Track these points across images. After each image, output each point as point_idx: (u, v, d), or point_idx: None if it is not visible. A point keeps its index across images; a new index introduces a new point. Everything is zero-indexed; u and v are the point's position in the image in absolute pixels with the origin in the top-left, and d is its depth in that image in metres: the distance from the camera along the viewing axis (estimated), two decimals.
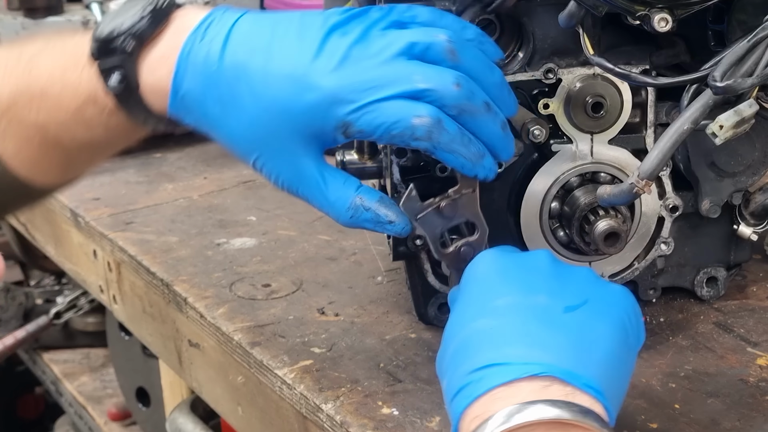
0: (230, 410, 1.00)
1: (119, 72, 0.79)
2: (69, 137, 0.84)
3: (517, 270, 0.73)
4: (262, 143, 0.76)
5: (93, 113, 0.82)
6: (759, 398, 0.81)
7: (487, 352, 0.67)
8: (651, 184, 0.74)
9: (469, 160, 0.75)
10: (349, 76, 0.72)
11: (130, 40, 0.79)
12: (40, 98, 0.83)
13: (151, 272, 1.09)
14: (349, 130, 0.73)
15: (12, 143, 0.84)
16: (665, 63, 0.87)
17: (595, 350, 0.68)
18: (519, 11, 0.85)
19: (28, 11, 1.85)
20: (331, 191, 0.76)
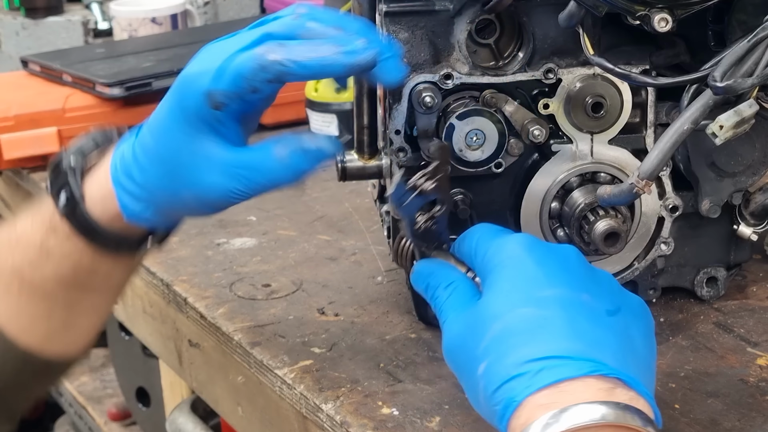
0: (230, 410, 1.00)
1: (65, 189, 0.81)
2: (39, 276, 0.83)
3: (554, 262, 0.72)
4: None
5: (54, 243, 0.83)
6: (759, 398, 0.81)
7: (545, 343, 0.66)
8: (651, 184, 0.74)
9: (334, 54, 0.73)
10: (205, 59, 0.77)
11: (74, 158, 0.82)
12: (16, 242, 0.84)
13: (151, 272, 1.09)
14: (215, 98, 0.74)
15: (1, 303, 0.84)
16: (665, 63, 0.87)
17: (639, 357, 0.69)
18: (519, 11, 0.85)
19: (28, 11, 1.85)
20: (249, 157, 0.76)
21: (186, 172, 0.77)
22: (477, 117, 0.85)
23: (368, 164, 0.92)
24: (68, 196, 0.81)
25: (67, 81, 1.44)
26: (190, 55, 1.52)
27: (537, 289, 0.69)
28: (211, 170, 0.76)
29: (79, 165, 0.83)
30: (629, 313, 0.71)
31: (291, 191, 1.26)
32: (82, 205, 0.81)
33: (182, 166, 0.77)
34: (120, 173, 0.80)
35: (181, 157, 0.77)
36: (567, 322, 0.67)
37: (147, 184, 0.79)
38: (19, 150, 1.37)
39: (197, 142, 0.76)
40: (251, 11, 1.95)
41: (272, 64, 0.73)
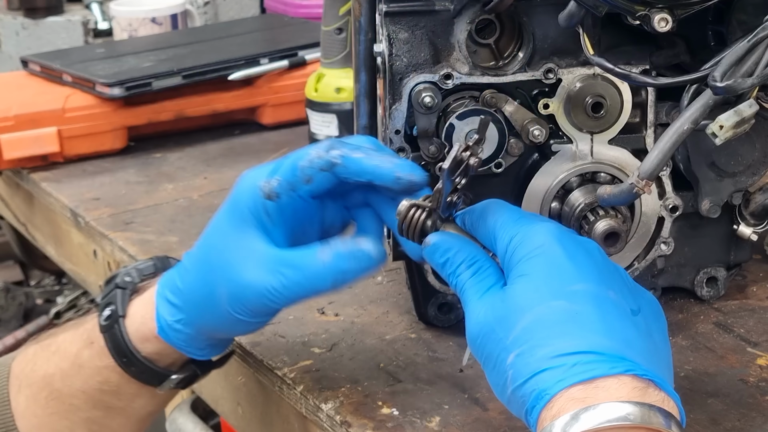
0: (230, 410, 1.00)
1: (111, 305, 0.83)
2: (68, 388, 0.84)
3: (583, 256, 0.71)
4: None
5: (87, 356, 0.84)
6: (759, 398, 0.81)
7: (579, 338, 0.66)
8: (651, 184, 0.74)
9: (389, 164, 0.75)
10: (261, 168, 0.79)
11: (128, 276, 0.84)
12: (55, 351, 0.86)
13: None
14: (269, 186, 0.76)
15: (28, 412, 0.86)
16: (665, 63, 0.87)
17: (661, 357, 0.69)
18: (519, 11, 0.85)
19: (28, 11, 1.85)
20: (291, 255, 0.76)
21: (225, 266, 0.77)
22: (477, 117, 0.85)
23: None
24: (112, 311, 0.83)
25: (67, 81, 1.44)
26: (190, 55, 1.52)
27: (568, 282, 0.69)
28: (250, 264, 0.76)
29: (131, 284, 0.84)
30: (649, 313, 0.71)
31: None
32: (121, 322, 0.82)
33: (223, 260, 0.77)
34: (164, 284, 0.82)
35: (224, 250, 0.77)
36: (600, 318, 0.67)
37: (185, 287, 0.80)
38: (19, 150, 1.37)
39: (244, 235, 0.76)
40: (251, 11, 1.95)
41: (329, 155, 0.74)
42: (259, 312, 0.78)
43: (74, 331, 0.86)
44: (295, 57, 1.50)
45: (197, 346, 0.83)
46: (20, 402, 0.86)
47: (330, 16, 1.31)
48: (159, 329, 0.81)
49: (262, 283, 0.75)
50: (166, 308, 0.81)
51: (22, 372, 0.86)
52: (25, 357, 0.87)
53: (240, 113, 1.50)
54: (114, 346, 0.83)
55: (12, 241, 2.21)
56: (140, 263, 0.87)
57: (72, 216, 1.27)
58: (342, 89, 1.32)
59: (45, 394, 0.85)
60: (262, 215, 0.76)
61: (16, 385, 0.86)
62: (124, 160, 1.42)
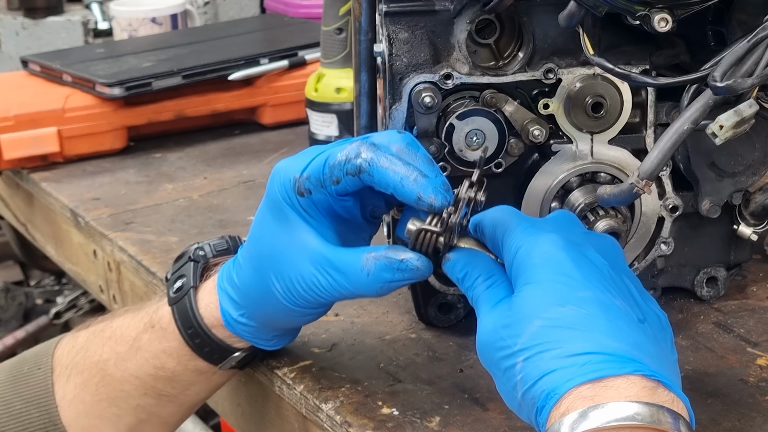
0: (230, 410, 1.00)
1: (183, 278, 0.84)
2: (121, 372, 0.85)
3: (588, 267, 0.71)
4: None
5: (147, 339, 0.85)
6: (759, 398, 0.81)
7: (588, 340, 0.66)
8: (651, 184, 0.74)
9: (414, 181, 0.74)
10: (303, 154, 0.78)
11: (201, 251, 0.86)
12: (110, 336, 0.86)
13: (151, 272, 1.09)
14: (299, 184, 0.76)
15: (77, 400, 0.86)
16: (665, 63, 0.87)
17: (670, 363, 0.70)
18: (519, 11, 0.85)
19: (28, 11, 1.85)
20: (338, 258, 0.76)
21: (277, 260, 0.78)
22: (477, 117, 0.85)
23: None
24: (183, 283, 0.84)
25: (67, 81, 1.44)
26: (190, 55, 1.52)
27: (575, 289, 0.69)
28: (300, 259, 0.76)
29: (203, 258, 0.86)
30: (656, 324, 0.71)
31: None
32: (192, 293, 0.83)
33: (273, 255, 0.78)
34: (223, 277, 0.83)
35: (274, 245, 0.78)
36: (608, 321, 0.67)
37: (241, 283, 0.81)
38: (19, 150, 1.37)
39: (289, 229, 0.77)
40: (251, 11, 1.95)
41: (357, 159, 0.74)
42: (314, 304, 0.78)
43: (133, 316, 0.86)
44: (295, 57, 1.50)
45: (264, 338, 0.84)
46: (69, 391, 0.86)
47: (330, 16, 1.31)
48: (225, 322, 0.82)
49: (311, 279, 0.76)
50: (228, 302, 0.82)
51: (72, 360, 0.86)
52: (75, 345, 0.87)
53: (240, 113, 1.50)
54: (181, 317, 0.83)
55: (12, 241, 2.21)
56: (213, 240, 0.88)
57: (72, 216, 1.27)
58: (342, 89, 1.32)
59: (96, 380, 0.85)
60: (301, 210, 0.77)
61: (65, 374, 0.86)
62: (124, 160, 1.42)
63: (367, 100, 0.93)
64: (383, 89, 0.88)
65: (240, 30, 1.67)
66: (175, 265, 0.87)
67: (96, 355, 0.86)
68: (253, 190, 1.29)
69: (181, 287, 0.84)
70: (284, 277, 0.77)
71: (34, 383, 0.86)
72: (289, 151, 1.40)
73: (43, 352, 0.88)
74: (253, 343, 0.84)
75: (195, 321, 0.83)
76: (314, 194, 0.76)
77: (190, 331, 0.83)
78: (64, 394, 0.86)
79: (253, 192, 1.28)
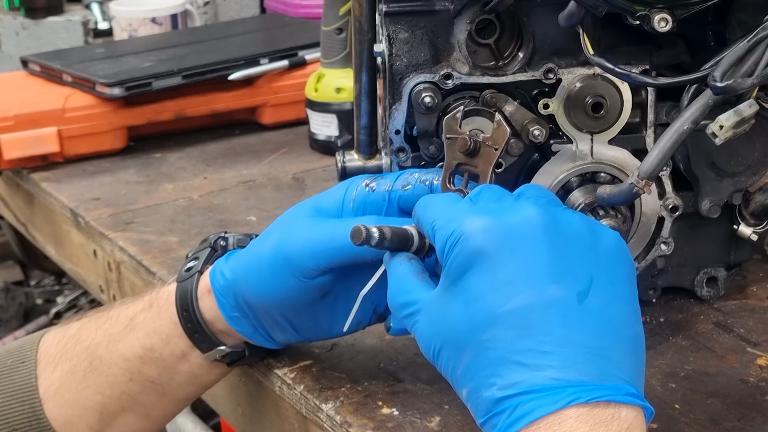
0: (230, 410, 1.00)
1: (196, 261, 0.86)
2: (110, 353, 0.85)
3: (514, 258, 0.65)
4: None
5: (143, 318, 0.85)
6: (759, 398, 0.81)
7: (515, 374, 0.63)
8: (651, 184, 0.74)
9: None
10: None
11: (221, 241, 0.88)
12: (105, 320, 0.87)
13: (151, 272, 1.09)
14: (371, 178, 0.81)
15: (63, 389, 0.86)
16: (665, 63, 0.87)
17: (621, 339, 0.65)
18: (519, 11, 0.85)
19: (28, 11, 1.85)
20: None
21: (284, 217, 0.82)
22: (477, 117, 0.85)
23: (368, 164, 0.92)
24: (194, 265, 0.85)
25: (67, 81, 1.44)
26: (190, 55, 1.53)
27: (500, 303, 0.65)
28: (302, 215, 0.81)
29: (222, 248, 0.87)
30: (603, 276, 0.66)
31: (291, 191, 1.27)
32: (196, 276, 0.84)
33: (284, 216, 0.82)
34: (223, 260, 0.84)
35: (289, 212, 0.82)
36: (539, 338, 0.63)
37: (241, 255, 0.83)
38: (19, 150, 1.37)
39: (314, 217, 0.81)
40: (251, 11, 1.95)
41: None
42: (302, 259, 0.78)
43: (132, 301, 0.87)
44: (295, 57, 1.50)
45: (249, 324, 0.84)
46: (54, 380, 0.85)
47: (330, 16, 1.31)
48: (220, 306, 0.83)
49: (304, 227, 0.79)
50: (220, 278, 0.83)
51: (62, 349, 0.86)
52: (65, 335, 0.87)
53: (240, 113, 1.50)
54: (181, 297, 0.84)
55: (12, 241, 2.21)
56: (239, 234, 0.89)
57: (72, 216, 1.27)
58: (342, 89, 1.32)
59: (85, 365, 0.85)
60: (344, 205, 0.80)
61: (52, 364, 0.86)
62: (124, 160, 1.42)
63: (367, 100, 0.93)
64: (383, 89, 0.88)
65: (240, 30, 1.67)
66: (198, 246, 0.89)
67: (88, 340, 0.86)
68: (253, 190, 1.29)
69: (191, 268, 0.85)
70: (279, 228, 0.80)
71: (17, 377, 0.85)
72: (289, 151, 1.40)
73: (27, 345, 0.88)
74: (242, 333, 0.84)
75: (191, 304, 0.83)
76: (376, 193, 0.79)
77: (185, 313, 0.83)
78: (49, 384, 0.85)
79: (253, 192, 1.28)
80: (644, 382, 0.67)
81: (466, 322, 0.66)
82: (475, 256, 0.66)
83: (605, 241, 0.68)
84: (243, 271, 0.81)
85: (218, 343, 0.84)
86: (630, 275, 0.68)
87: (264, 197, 1.26)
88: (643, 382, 0.66)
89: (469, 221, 0.67)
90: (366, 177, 0.81)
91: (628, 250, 0.69)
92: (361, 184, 0.80)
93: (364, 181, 0.81)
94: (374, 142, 0.94)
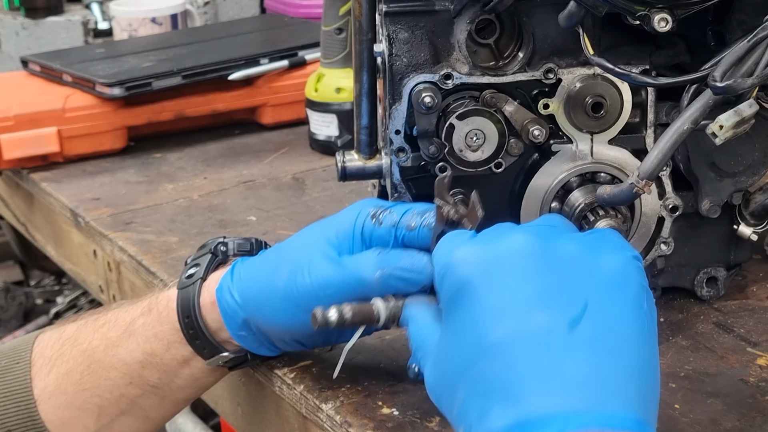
0: (230, 410, 1.00)
1: (197, 267, 0.85)
2: (110, 358, 0.84)
3: (498, 282, 0.64)
4: None
5: (142, 322, 0.85)
6: (759, 398, 0.81)
7: (504, 409, 0.61)
8: (651, 184, 0.74)
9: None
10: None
11: (222, 247, 0.86)
12: (103, 323, 0.86)
13: (151, 272, 1.09)
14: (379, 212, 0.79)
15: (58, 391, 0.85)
16: (665, 63, 0.87)
17: (621, 365, 0.62)
18: (519, 11, 0.85)
19: (28, 11, 1.85)
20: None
21: (295, 246, 0.81)
22: (477, 117, 0.85)
23: (368, 164, 0.92)
24: (195, 272, 0.84)
25: (67, 81, 1.44)
26: (190, 55, 1.52)
27: (485, 332, 0.63)
28: (316, 249, 0.79)
29: (223, 254, 0.86)
30: (600, 300, 0.63)
31: (291, 191, 1.27)
32: (198, 283, 0.84)
33: (295, 243, 0.81)
34: (230, 274, 0.83)
35: (299, 237, 0.82)
36: (528, 370, 0.61)
37: (248, 275, 0.82)
38: (19, 150, 1.37)
39: (326, 244, 0.79)
40: (251, 11, 1.95)
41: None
42: (310, 296, 0.78)
43: (130, 304, 0.87)
44: (295, 57, 1.50)
45: (256, 340, 0.84)
46: (50, 382, 0.85)
47: (330, 16, 1.31)
48: (220, 306, 0.82)
49: (318, 264, 0.77)
50: (228, 297, 0.82)
51: (58, 351, 0.86)
52: (61, 336, 0.87)
53: (240, 113, 1.50)
54: (183, 304, 0.83)
55: (12, 241, 2.21)
56: (238, 238, 0.88)
57: (72, 216, 1.27)
58: (342, 89, 1.32)
59: (82, 369, 0.85)
60: (355, 233, 0.78)
61: (47, 366, 0.85)
62: (124, 160, 1.42)
63: (367, 100, 0.93)
64: (383, 89, 0.88)
65: (240, 30, 1.67)
66: (197, 252, 0.88)
67: (85, 343, 0.85)
68: (253, 190, 1.29)
69: (193, 275, 0.85)
70: (293, 261, 0.78)
71: (11, 378, 0.85)
72: (289, 151, 1.40)
73: (22, 346, 0.87)
74: (244, 345, 0.84)
75: (193, 311, 0.83)
76: (382, 227, 0.77)
77: (186, 320, 0.83)
78: (45, 386, 0.85)
79: (253, 192, 1.28)
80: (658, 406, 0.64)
81: (457, 356, 0.64)
82: (462, 287, 0.65)
83: (606, 265, 0.65)
84: (255, 300, 0.81)
85: (221, 349, 0.84)
86: (637, 297, 0.65)
87: (264, 197, 1.26)
88: (656, 408, 0.63)
89: (457, 252, 0.66)
90: (373, 205, 0.79)
91: (638, 273, 0.66)
92: (369, 214, 0.79)
93: (371, 211, 0.79)
94: (374, 142, 0.94)
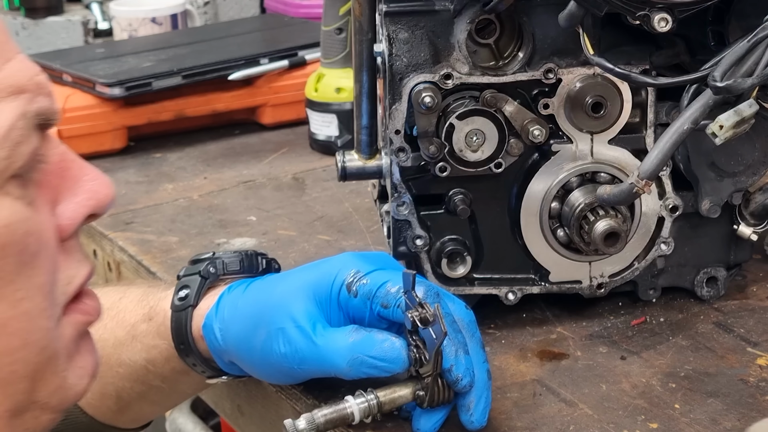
0: (230, 410, 1.00)
1: (188, 288, 0.84)
2: (117, 357, 0.85)
3: None
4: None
5: (143, 330, 0.85)
6: (759, 398, 0.81)
7: None
8: (651, 184, 0.74)
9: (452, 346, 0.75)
10: (365, 259, 0.81)
11: (213, 267, 0.85)
12: (114, 315, 0.86)
13: (151, 272, 1.09)
14: (355, 283, 0.78)
15: None
16: (665, 63, 0.87)
17: None
18: (519, 11, 0.85)
19: (28, 11, 1.85)
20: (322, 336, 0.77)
21: (272, 308, 0.79)
22: (477, 117, 0.85)
23: (368, 164, 0.92)
24: (186, 296, 0.84)
25: (67, 81, 1.44)
26: (190, 55, 1.52)
27: None
28: (289, 319, 0.78)
29: (213, 276, 0.85)
30: None
31: (291, 191, 1.27)
32: (189, 311, 0.83)
33: (272, 304, 0.79)
34: (215, 312, 0.82)
35: (276, 294, 0.80)
36: None
37: (226, 328, 0.81)
38: None
39: (305, 300, 0.79)
40: (251, 11, 1.95)
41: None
42: (284, 363, 0.79)
43: (137, 300, 0.87)
44: (295, 57, 1.50)
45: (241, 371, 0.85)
46: None
47: (330, 16, 1.31)
48: (211, 348, 0.83)
49: (290, 337, 0.77)
50: (214, 337, 0.82)
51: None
52: None
53: (240, 113, 1.50)
54: (176, 329, 0.83)
55: None
56: (228, 255, 0.87)
57: None
58: (342, 89, 1.32)
59: None
60: (332, 299, 0.78)
61: None
62: (124, 160, 1.41)
63: (367, 100, 0.93)
64: (383, 89, 0.88)
65: (240, 30, 1.66)
66: (188, 268, 0.87)
67: (96, 334, 0.85)
68: (253, 190, 1.29)
69: (184, 299, 0.84)
70: (269, 324, 0.78)
71: None
72: (289, 151, 1.40)
73: None
74: (236, 375, 0.85)
75: (187, 340, 0.83)
76: (357, 298, 0.77)
77: (182, 347, 0.83)
78: None
79: (253, 192, 1.28)
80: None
81: None
82: None
83: None
84: (236, 348, 0.81)
85: (219, 373, 0.85)
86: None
87: (264, 197, 1.26)
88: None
89: None
90: (349, 272, 0.78)
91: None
92: (345, 282, 0.78)
93: (347, 279, 0.78)
94: (374, 142, 0.94)
